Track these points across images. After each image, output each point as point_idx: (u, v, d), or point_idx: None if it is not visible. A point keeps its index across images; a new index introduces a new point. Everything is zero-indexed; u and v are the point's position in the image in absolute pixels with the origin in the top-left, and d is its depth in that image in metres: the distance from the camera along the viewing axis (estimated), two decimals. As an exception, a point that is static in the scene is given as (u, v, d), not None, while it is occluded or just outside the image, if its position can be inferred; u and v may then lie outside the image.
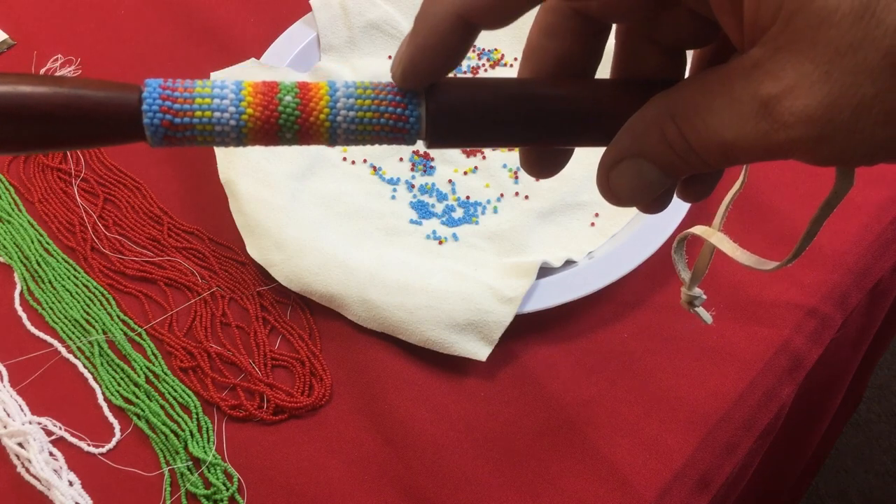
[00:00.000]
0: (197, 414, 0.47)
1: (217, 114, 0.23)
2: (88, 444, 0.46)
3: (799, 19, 0.18)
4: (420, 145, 0.56)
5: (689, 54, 0.27)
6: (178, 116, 0.22)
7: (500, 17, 0.23)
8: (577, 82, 0.25)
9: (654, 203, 0.26)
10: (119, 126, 0.22)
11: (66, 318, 0.51)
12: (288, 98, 0.23)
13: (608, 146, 0.24)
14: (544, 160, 0.28)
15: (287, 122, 0.23)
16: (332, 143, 0.24)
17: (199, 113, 0.23)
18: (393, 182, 0.59)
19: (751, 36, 0.20)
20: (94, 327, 0.51)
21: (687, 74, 0.26)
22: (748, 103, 0.20)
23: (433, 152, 0.60)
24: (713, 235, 0.28)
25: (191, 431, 0.46)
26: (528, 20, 0.24)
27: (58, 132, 0.22)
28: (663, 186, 0.23)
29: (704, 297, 0.32)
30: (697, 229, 0.29)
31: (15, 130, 0.22)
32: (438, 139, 0.25)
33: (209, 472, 0.45)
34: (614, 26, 0.26)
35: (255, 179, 0.54)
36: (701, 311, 0.32)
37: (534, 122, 0.24)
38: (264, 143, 0.24)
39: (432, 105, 0.24)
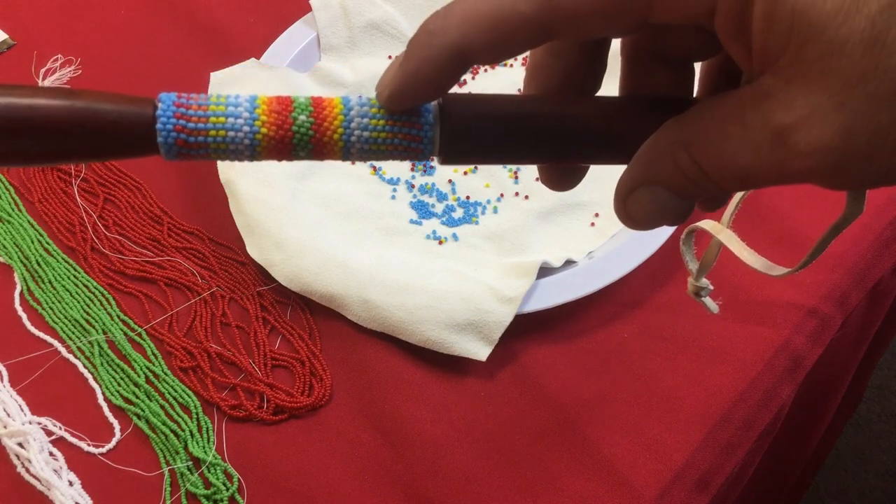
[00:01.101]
0: (197, 414, 0.47)
1: (231, 133, 0.23)
2: (88, 444, 0.46)
3: (809, 50, 0.18)
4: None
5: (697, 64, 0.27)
6: (193, 135, 0.22)
7: (498, 56, 0.22)
8: (588, 101, 0.25)
9: None
10: (133, 142, 0.22)
11: (66, 318, 0.51)
12: (302, 118, 0.23)
13: (623, 174, 0.24)
14: (562, 175, 0.28)
15: (301, 141, 0.23)
16: (345, 160, 0.24)
17: (213, 132, 0.23)
18: (393, 182, 0.59)
19: (760, 63, 0.20)
20: (94, 327, 0.51)
21: (696, 82, 0.26)
22: (761, 132, 0.20)
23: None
24: (721, 232, 0.28)
25: (191, 431, 0.46)
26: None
27: (71, 147, 0.22)
28: (680, 209, 0.23)
29: (711, 287, 0.32)
30: (706, 224, 0.29)
31: (28, 144, 0.21)
32: (452, 157, 0.25)
33: (209, 472, 0.45)
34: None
35: (255, 179, 0.54)
36: (707, 300, 0.32)
37: (546, 143, 0.24)
38: (277, 159, 0.24)
39: (447, 125, 0.24)
